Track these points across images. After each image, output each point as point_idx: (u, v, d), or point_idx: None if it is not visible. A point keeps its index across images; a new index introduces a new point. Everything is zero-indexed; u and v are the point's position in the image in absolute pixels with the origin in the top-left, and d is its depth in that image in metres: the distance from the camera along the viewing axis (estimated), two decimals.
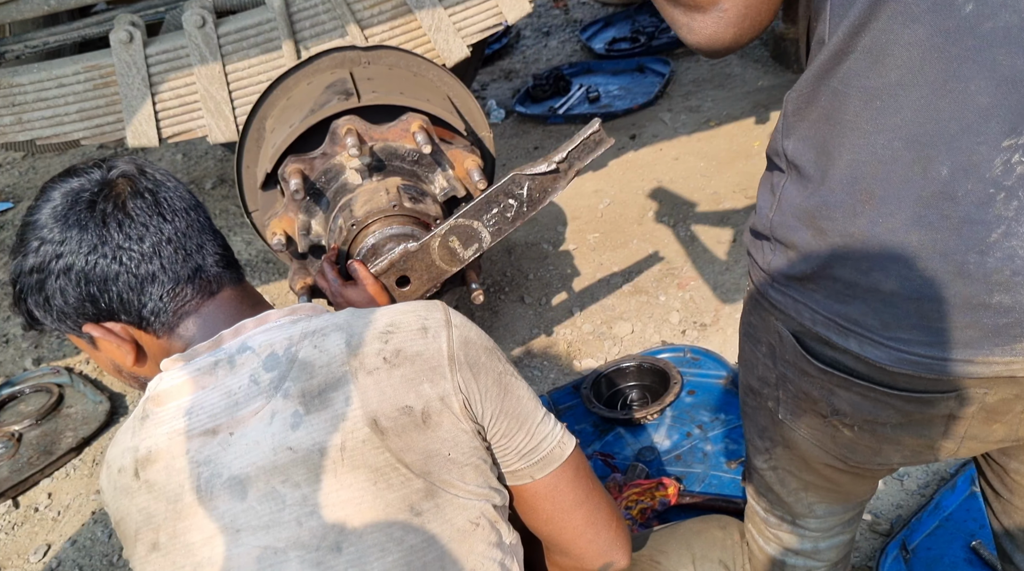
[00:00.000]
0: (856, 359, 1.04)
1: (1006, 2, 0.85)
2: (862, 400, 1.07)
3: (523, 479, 1.17)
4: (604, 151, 1.84)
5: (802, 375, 1.12)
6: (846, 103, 0.96)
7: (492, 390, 1.11)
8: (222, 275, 1.16)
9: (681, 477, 2.17)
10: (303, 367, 1.04)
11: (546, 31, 5.97)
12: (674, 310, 2.92)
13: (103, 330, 1.12)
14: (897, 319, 0.98)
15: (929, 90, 0.90)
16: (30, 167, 5.26)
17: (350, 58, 2.29)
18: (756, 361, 1.22)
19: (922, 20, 0.89)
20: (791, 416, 1.19)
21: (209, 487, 1.02)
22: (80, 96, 2.41)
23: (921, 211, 0.92)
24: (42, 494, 2.68)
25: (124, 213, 1.09)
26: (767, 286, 1.12)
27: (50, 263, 1.08)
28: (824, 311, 1.04)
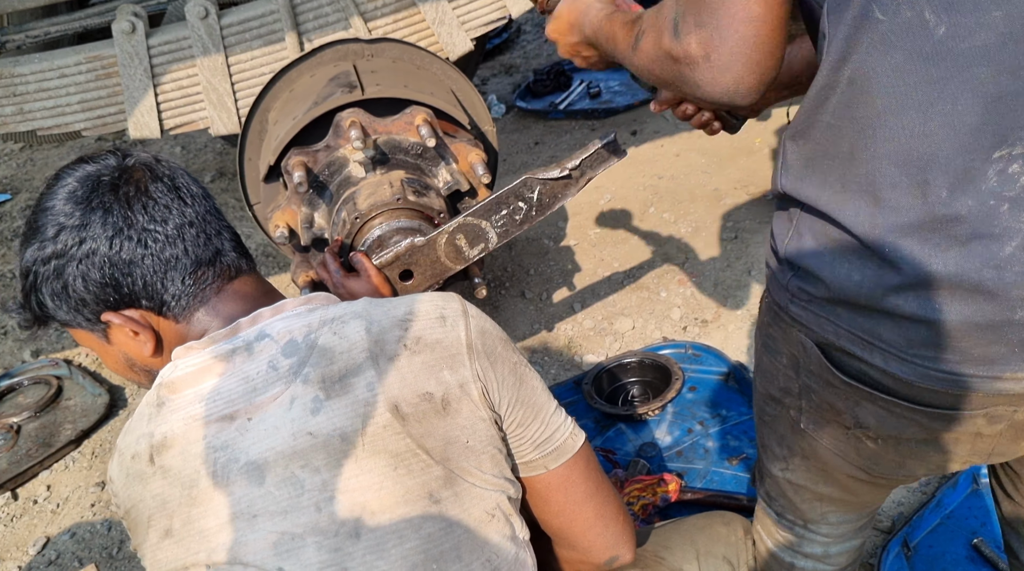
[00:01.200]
0: (882, 372, 1.04)
1: (980, 20, 0.86)
2: (887, 415, 1.06)
3: (537, 470, 1.18)
4: (616, 162, 1.84)
5: (827, 386, 1.11)
6: (841, 136, 0.97)
7: (508, 379, 1.12)
8: (239, 261, 1.17)
9: (682, 473, 2.17)
10: (323, 353, 1.04)
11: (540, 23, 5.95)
12: (675, 306, 2.91)
13: (123, 317, 1.11)
14: (920, 337, 0.97)
15: (918, 114, 0.90)
16: (28, 159, 5.24)
17: (354, 51, 2.28)
18: (776, 372, 1.21)
19: (899, 46, 0.89)
20: (814, 426, 1.18)
21: (226, 472, 1.01)
22: (82, 87, 2.40)
23: (928, 235, 0.93)
24: (41, 486, 2.67)
25: (148, 195, 1.09)
26: (787, 301, 1.12)
27: (72, 249, 1.07)
28: (848, 326, 1.04)
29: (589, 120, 4.40)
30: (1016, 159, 0.88)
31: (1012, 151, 0.88)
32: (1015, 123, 0.87)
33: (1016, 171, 0.88)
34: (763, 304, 1.25)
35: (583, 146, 1.85)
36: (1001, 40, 0.86)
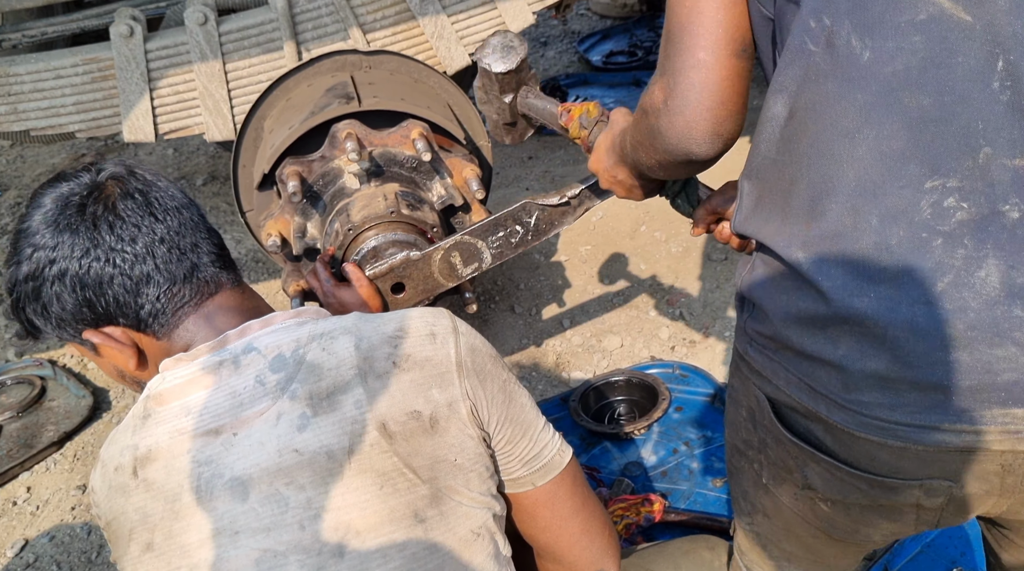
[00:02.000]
0: (824, 431, 1.03)
1: (900, 45, 0.87)
2: (831, 478, 1.06)
3: (524, 486, 1.18)
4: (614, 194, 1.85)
5: (778, 443, 1.12)
6: (782, 169, 0.98)
7: (498, 397, 1.13)
8: (219, 275, 1.15)
9: (667, 493, 2.17)
10: (311, 369, 1.04)
11: (544, 41, 5.98)
12: (664, 326, 2.92)
13: (103, 336, 1.12)
14: (856, 381, 0.96)
15: (846, 140, 0.91)
16: (18, 156, 5.21)
17: (352, 62, 2.29)
18: (739, 423, 1.21)
19: (830, 74, 0.91)
20: (774, 482, 1.18)
21: (209, 487, 1.01)
22: (77, 88, 2.39)
23: (860, 265, 0.92)
24: (21, 488, 2.65)
25: (115, 214, 1.08)
26: (747, 345, 1.12)
27: (44, 269, 1.07)
28: (795, 371, 1.03)
29: None
30: (951, 192, 0.87)
31: (946, 183, 0.87)
32: (945, 152, 0.87)
33: (951, 205, 0.88)
34: (732, 352, 1.25)
35: (577, 163, 1.86)
36: (922, 64, 0.87)
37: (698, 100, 1.01)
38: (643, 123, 1.12)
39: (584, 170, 4.07)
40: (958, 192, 0.87)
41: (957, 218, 0.88)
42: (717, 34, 1.00)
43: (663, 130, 1.06)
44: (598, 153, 1.43)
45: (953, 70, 0.86)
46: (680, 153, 1.07)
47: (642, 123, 1.13)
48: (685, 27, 1.02)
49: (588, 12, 6.26)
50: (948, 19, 0.86)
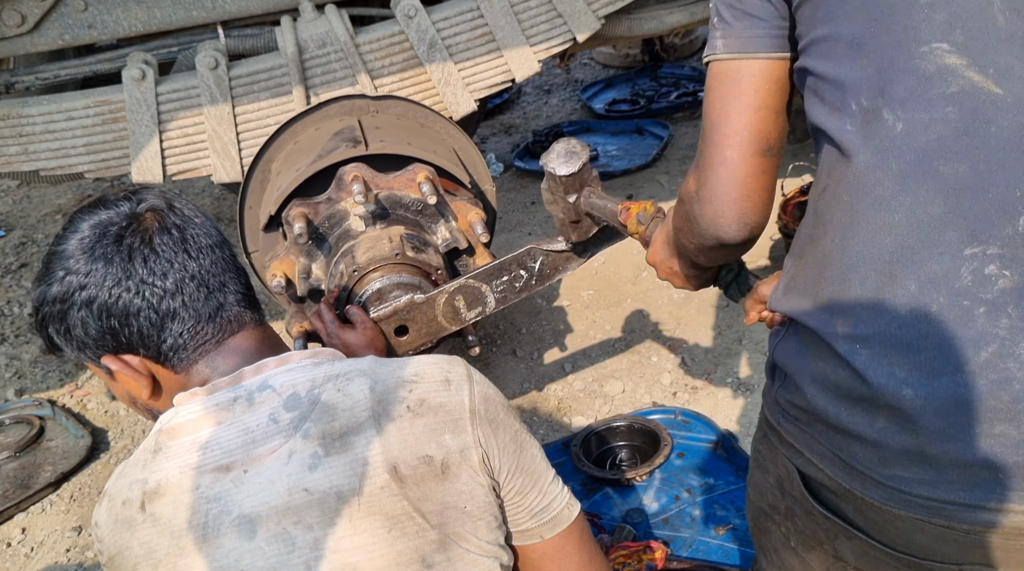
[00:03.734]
0: (857, 509, 1.03)
1: (933, 116, 0.90)
2: (863, 554, 1.05)
3: (532, 539, 1.17)
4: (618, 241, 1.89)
5: (807, 515, 1.12)
6: (818, 244, 1.02)
7: (509, 447, 1.12)
8: (243, 314, 1.16)
9: (668, 541, 2.15)
10: (325, 409, 1.04)
11: (547, 89, 6.07)
12: (666, 371, 2.92)
13: (121, 363, 1.12)
14: (894, 456, 0.95)
15: (882, 208, 0.93)
16: (24, 196, 5.25)
17: (359, 106, 2.32)
18: (766, 488, 1.22)
19: (863, 147, 0.94)
20: (802, 547, 1.18)
21: (216, 525, 1.00)
22: (88, 130, 2.42)
23: (898, 333, 0.92)
24: (16, 529, 2.62)
25: (150, 248, 1.09)
26: (778, 415, 1.13)
27: (74, 294, 1.09)
28: (829, 445, 1.04)
29: None
30: (992, 260, 0.88)
31: (986, 250, 0.88)
32: (984, 219, 0.88)
33: (993, 273, 0.88)
34: (760, 418, 1.26)
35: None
36: (956, 133, 0.89)
37: (725, 192, 1.09)
38: (680, 210, 1.21)
39: None
40: (999, 259, 0.88)
41: (999, 286, 0.88)
42: (743, 135, 1.07)
43: (696, 216, 1.14)
44: (655, 246, 1.50)
45: (988, 139, 0.88)
46: (711, 237, 1.14)
47: (680, 210, 1.22)
48: (715, 126, 1.09)
49: (591, 61, 6.35)
50: (979, 92, 0.88)
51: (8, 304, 3.93)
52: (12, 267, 4.33)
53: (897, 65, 0.92)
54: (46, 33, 2.43)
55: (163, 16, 2.49)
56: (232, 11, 2.53)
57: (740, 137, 1.07)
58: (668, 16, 2.86)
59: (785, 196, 3.11)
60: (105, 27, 2.46)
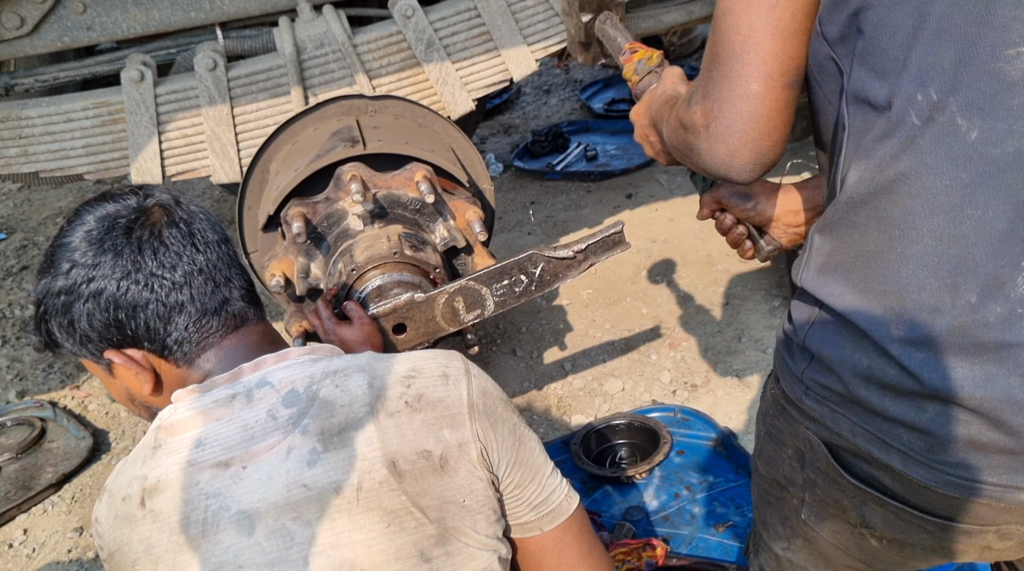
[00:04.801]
0: (894, 478, 1.02)
1: (1011, 128, 0.86)
2: (895, 519, 1.05)
3: (532, 531, 1.18)
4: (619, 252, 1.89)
5: (832, 484, 1.10)
6: (866, 235, 0.96)
7: (508, 440, 1.13)
8: (247, 310, 1.17)
9: (668, 538, 2.15)
10: (323, 405, 1.05)
11: (546, 89, 6.07)
12: (665, 369, 2.92)
13: (124, 357, 1.12)
14: (943, 444, 0.95)
15: (948, 217, 0.89)
16: (25, 199, 5.26)
17: (357, 106, 2.32)
18: (781, 461, 1.20)
19: (930, 150, 0.89)
20: (815, 518, 1.17)
21: (216, 520, 1.01)
22: (87, 131, 2.43)
23: (955, 340, 0.91)
24: (17, 530, 2.63)
25: (160, 241, 1.10)
26: (800, 393, 1.10)
27: (80, 286, 1.08)
28: (865, 425, 1.02)
29: (585, 182, 4.46)
30: None
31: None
32: None
33: None
34: (768, 393, 1.23)
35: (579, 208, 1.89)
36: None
37: (744, 130, 0.99)
38: (681, 135, 1.10)
39: (585, 216, 4.11)
40: None
41: None
42: (772, 66, 0.97)
43: (702, 152, 1.04)
44: (640, 106, 1.41)
45: None
46: (718, 174, 1.06)
47: (680, 134, 1.10)
48: (738, 55, 0.98)
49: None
50: None
51: (9, 306, 3.93)
52: (13, 270, 4.34)
53: (977, 63, 0.86)
54: (45, 35, 2.44)
55: (161, 18, 2.50)
56: (230, 12, 2.53)
57: (770, 68, 0.97)
58: (665, 15, 2.86)
59: None
60: (104, 29, 2.47)
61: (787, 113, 1.00)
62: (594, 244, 1.85)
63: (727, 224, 1.44)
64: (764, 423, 1.25)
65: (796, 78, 1.00)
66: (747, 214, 1.41)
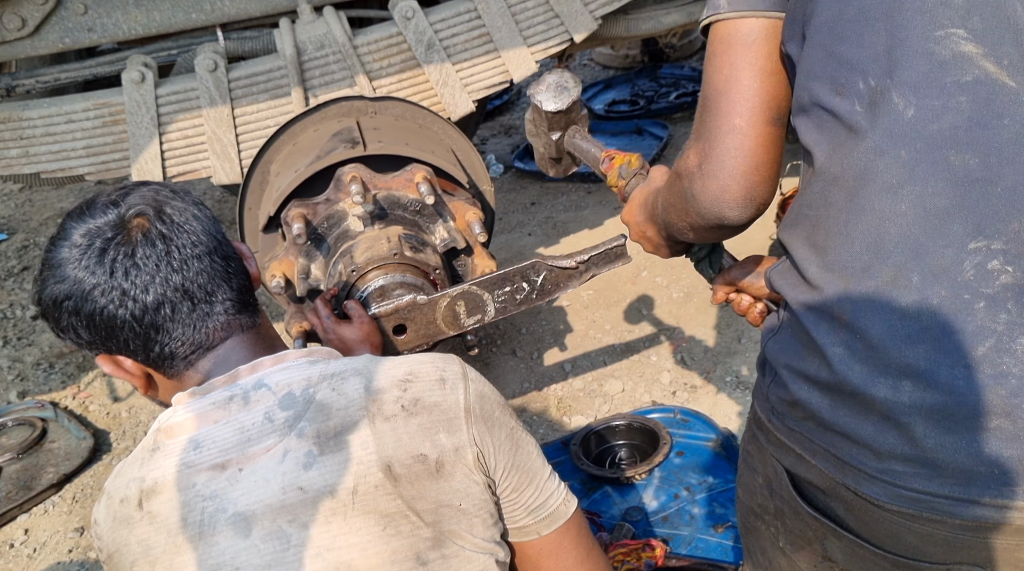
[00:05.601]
0: (846, 510, 1.01)
1: (946, 104, 0.88)
2: (851, 555, 1.04)
3: (529, 535, 1.17)
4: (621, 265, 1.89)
5: (795, 515, 1.11)
6: (818, 226, 0.98)
7: (505, 444, 1.13)
8: (233, 321, 1.15)
9: (668, 539, 2.16)
10: (320, 408, 1.05)
11: None
12: (665, 370, 2.93)
13: (113, 365, 1.13)
14: (889, 448, 0.94)
15: (888, 195, 0.90)
16: (27, 199, 5.27)
17: (357, 107, 2.33)
18: (755, 488, 1.21)
19: (869, 130, 0.91)
20: (791, 547, 1.17)
21: (212, 522, 1.01)
22: (88, 132, 2.43)
23: (898, 324, 0.91)
24: (18, 530, 2.63)
25: (132, 261, 1.07)
26: (768, 412, 1.11)
27: (63, 302, 1.09)
28: (820, 440, 1.01)
29: (585, 183, 4.47)
30: (996, 255, 0.87)
31: (991, 245, 0.87)
32: (991, 213, 0.87)
33: (995, 268, 0.87)
34: (748, 419, 1.24)
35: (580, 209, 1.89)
36: (968, 124, 0.87)
37: (733, 165, 1.02)
38: (677, 186, 1.13)
39: (586, 217, 4.11)
40: (1003, 255, 0.87)
41: (1001, 281, 0.87)
42: (753, 102, 1.02)
43: (696, 193, 1.07)
44: (631, 206, 1.44)
45: (1000, 131, 0.87)
46: (712, 217, 1.08)
47: (676, 186, 1.13)
48: (722, 94, 1.03)
49: (591, 62, 6.36)
50: (993, 83, 0.87)
51: (11, 307, 3.94)
52: (15, 270, 4.35)
53: (909, 46, 0.89)
54: (46, 37, 2.44)
55: (162, 19, 2.51)
56: (231, 14, 2.54)
57: (751, 103, 1.01)
58: (665, 16, 2.87)
59: (783, 195, 3.11)
60: (105, 30, 2.48)
61: (773, 150, 1.04)
62: (596, 256, 1.86)
63: (744, 305, 1.41)
64: (742, 448, 1.26)
65: (778, 115, 1.03)
66: (762, 291, 1.37)
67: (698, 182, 1.06)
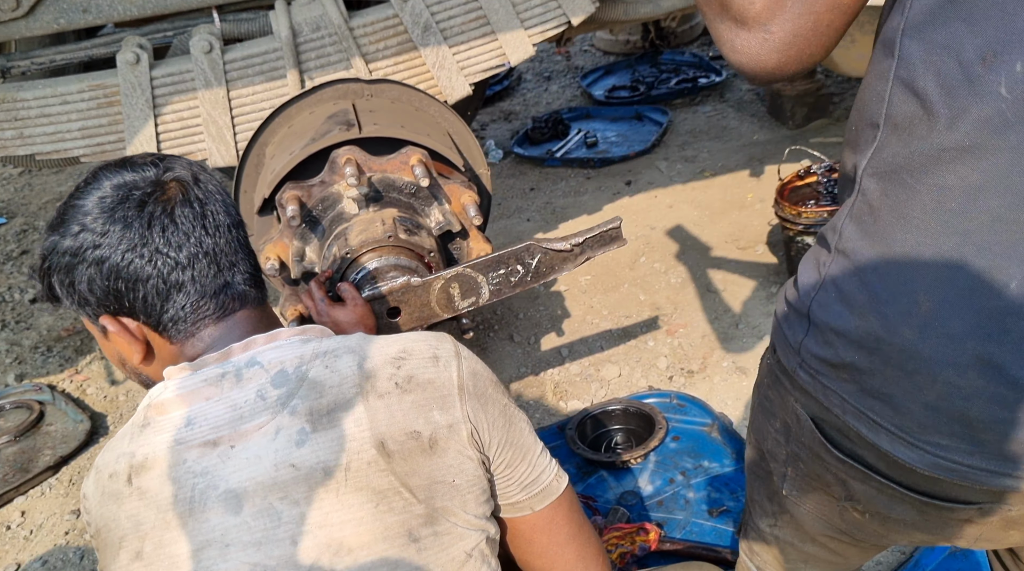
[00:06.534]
0: (879, 456, 1.01)
1: None
2: (878, 494, 1.04)
3: (523, 511, 1.19)
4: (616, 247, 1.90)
5: (816, 458, 1.10)
6: (914, 198, 0.92)
7: (498, 421, 1.14)
8: (246, 294, 1.16)
9: (662, 523, 2.16)
10: (313, 386, 1.05)
11: (547, 76, 6.05)
12: (662, 356, 2.92)
13: (118, 325, 1.12)
14: (938, 425, 0.93)
15: (1011, 198, 0.85)
16: (26, 184, 5.26)
17: (353, 90, 2.32)
18: (767, 433, 1.20)
19: (1015, 127, 0.84)
20: (796, 492, 1.17)
21: (203, 499, 1.01)
22: (83, 114, 2.42)
23: (981, 322, 0.88)
24: (15, 512, 2.64)
25: (171, 218, 1.09)
26: (795, 365, 1.08)
27: (86, 251, 1.08)
28: (856, 403, 1.00)
29: (584, 169, 4.45)
30: None
31: None
32: None
33: None
34: (764, 363, 1.23)
35: (579, 194, 1.89)
36: None
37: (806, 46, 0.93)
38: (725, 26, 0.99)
39: (584, 203, 4.09)
40: None
41: None
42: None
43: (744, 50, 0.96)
44: None
45: None
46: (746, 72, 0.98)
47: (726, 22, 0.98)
48: None
49: (591, 48, 6.33)
50: None
51: (9, 290, 3.94)
52: (13, 254, 4.35)
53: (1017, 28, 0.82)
54: (41, 17, 2.43)
55: (158, 0, 2.49)
56: None
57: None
58: (664, 0, 2.85)
59: (782, 181, 3.10)
60: (100, 11, 2.46)
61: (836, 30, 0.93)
62: (591, 238, 1.86)
63: None
64: (758, 394, 1.25)
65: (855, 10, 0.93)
66: None
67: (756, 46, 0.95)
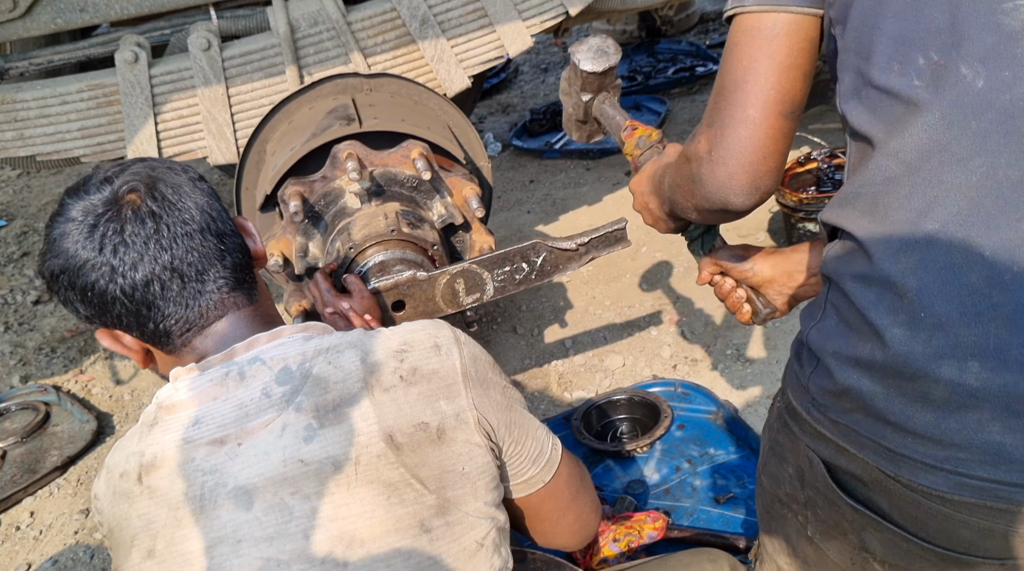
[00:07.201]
0: (892, 503, 0.99)
1: (1018, 75, 0.85)
2: (894, 547, 1.02)
3: (536, 485, 1.22)
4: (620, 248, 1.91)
5: (831, 506, 1.09)
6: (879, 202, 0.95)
7: (502, 403, 1.15)
8: (227, 299, 1.14)
9: (669, 511, 2.17)
10: (317, 382, 1.06)
11: (544, 67, 6.04)
12: (665, 344, 2.93)
13: (112, 339, 1.14)
14: (951, 433, 0.91)
15: (957, 167, 0.87)
16: (25, 186, 5.26)
17: (353, 85, 2.31)
18: (783, 477, 1.19)
19: (932, 104, 0.89)
20: (820, 536, 1.15)
21: (213, 496, 1.02)
22: (83, 114, 2.42)
23: (968, 302, 0.87)
24: (24, 513, 2.65)
25: (121, 238, 1.07)
26: (808, 404, 1.08)
27: (59, 277, 1.10)
28: (868, 432, 0.99)
29: (584, 160, 4.45)
30: None
31: None
32: None
33: None
34: (774, 406, 1.23)
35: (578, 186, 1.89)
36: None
37: (742, 154, 1.06)
38: (685, 169, 1.16)
39: (584, 194, 4.11)
40: None
41: None
42: (769, 95, 1.04)
43: (704, 178, 1.10)
44: (640, 177, 1.48)
45: None
46: (718, 202, 1.11)
47: (684, 168, 1.17)
48: (739, 84, 1.05)
49: None
50: None
51: (11, 292, 3.94)
52: (14, 256, 4.35)
53: (976, 19, 0.87)
54: (38, 18, 2.42)
55: None
56: None
57: (767, 96, 1.04)
58: None
59: None
60: (97, 11, 2.46)
61: (783, 142, 1.06)
62: (596, 238, 1.87)
63: (727, 288, 1.48)
64: (768, 436, 1.25)
65: (792, 108, 1.05)
66: (745, 275, 1.44)
67: (706, 167, 1.09)
